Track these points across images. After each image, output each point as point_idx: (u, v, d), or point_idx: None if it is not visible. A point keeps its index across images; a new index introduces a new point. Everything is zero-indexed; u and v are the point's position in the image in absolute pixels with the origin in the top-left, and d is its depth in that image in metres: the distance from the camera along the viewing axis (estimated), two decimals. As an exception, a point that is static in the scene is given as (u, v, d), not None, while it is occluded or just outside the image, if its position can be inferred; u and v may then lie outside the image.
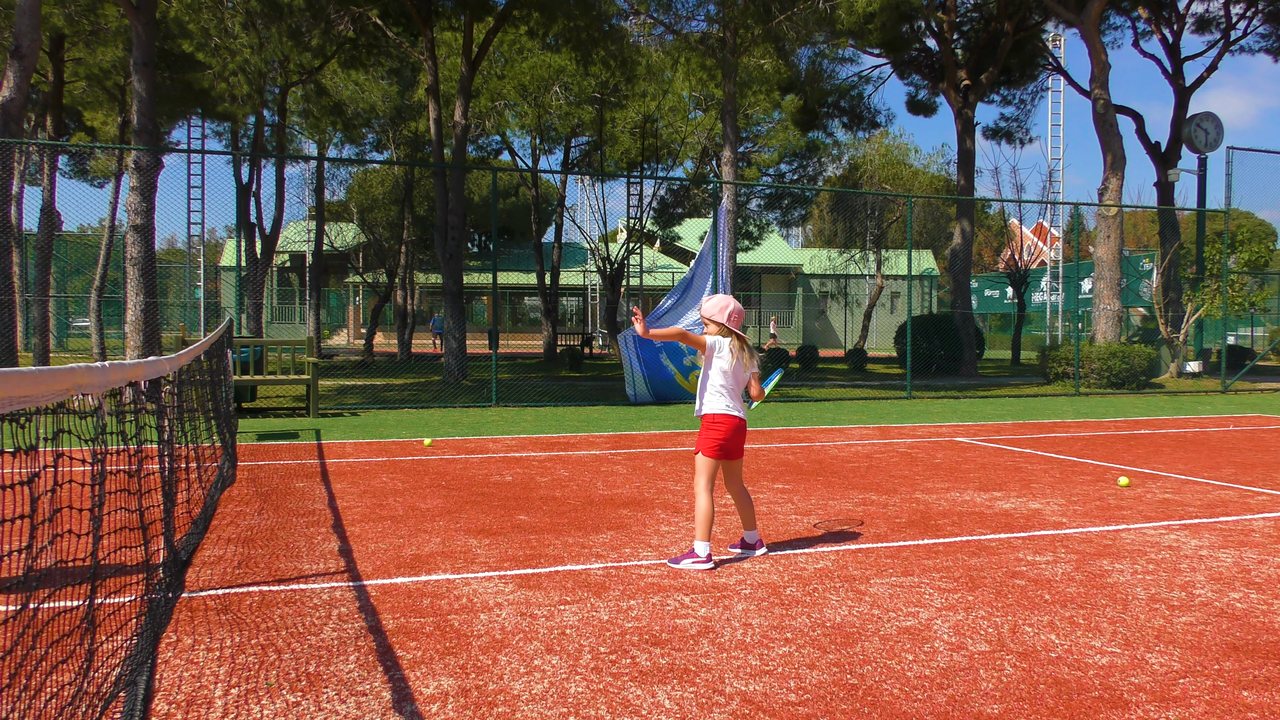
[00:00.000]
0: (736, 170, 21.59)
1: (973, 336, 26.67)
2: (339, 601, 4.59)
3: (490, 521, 6.47)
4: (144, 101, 14.39)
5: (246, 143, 29.29)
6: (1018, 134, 31.75)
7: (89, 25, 20.98)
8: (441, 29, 22.46)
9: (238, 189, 26.81)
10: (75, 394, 2.72)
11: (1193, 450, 10.59)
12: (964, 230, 26.44)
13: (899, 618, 4.40)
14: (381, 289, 34.49)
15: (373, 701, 3.38)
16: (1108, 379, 20.30)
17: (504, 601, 4.61)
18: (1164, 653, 3.93)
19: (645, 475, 8.52)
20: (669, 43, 22.24)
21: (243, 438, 10.91)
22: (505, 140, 32.86)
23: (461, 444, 10.77)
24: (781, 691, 3.51)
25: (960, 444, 11.09)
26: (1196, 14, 28.25)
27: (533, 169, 34.94)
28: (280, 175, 27.01)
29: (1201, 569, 5.31)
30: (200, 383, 7.65)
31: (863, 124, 32.24)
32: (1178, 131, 27.20)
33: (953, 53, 26.51)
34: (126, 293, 14.59)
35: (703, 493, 5.29)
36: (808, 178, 38.03)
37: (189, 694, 3.41)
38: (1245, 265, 22.48)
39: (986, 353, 38.14)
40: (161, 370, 4.56)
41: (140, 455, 4.02)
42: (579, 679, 3.63)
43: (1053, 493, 7.74)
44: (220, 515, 6.61)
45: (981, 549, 5.76)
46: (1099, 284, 21.80)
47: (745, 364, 5.41)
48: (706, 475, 5.31)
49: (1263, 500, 7.49)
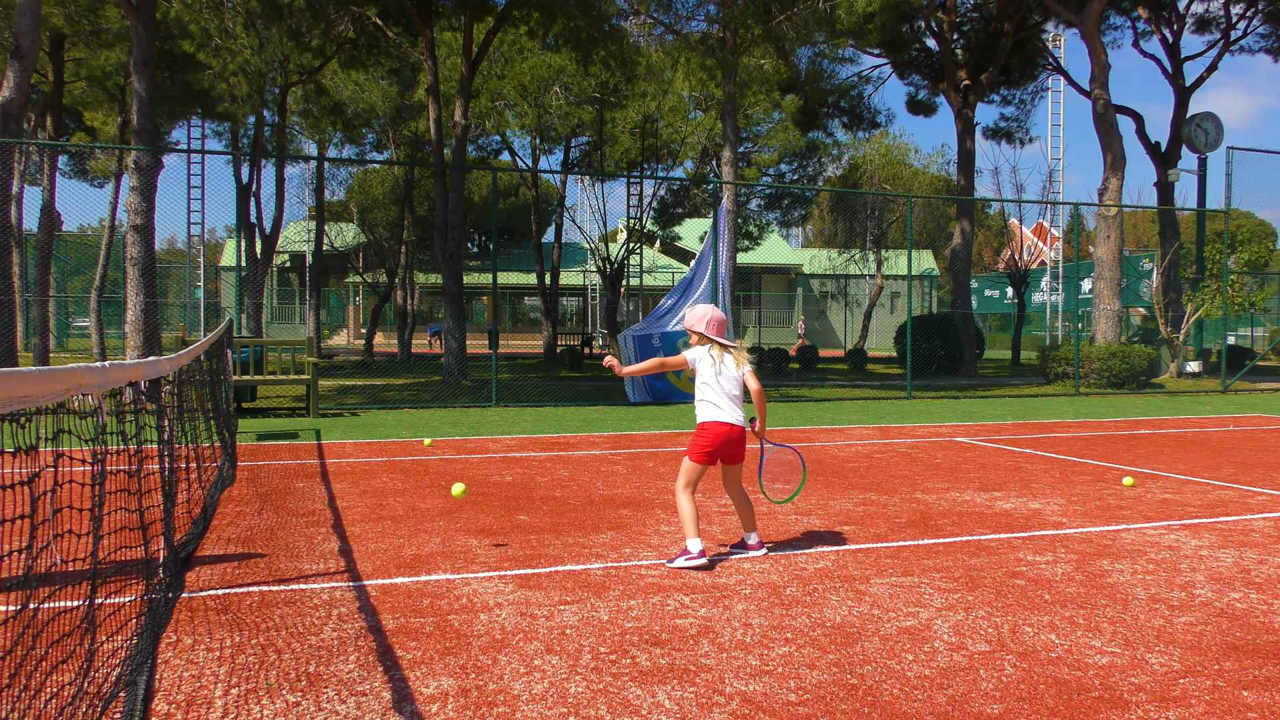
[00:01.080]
0: (736, 170, 21.59)
1: (973, 336, 26.68)
2: (339, 601, 4.59)
3: (490, 521, 6.47)
4: (144, 101, 14.40)
5: (246, 143, 29.30)
6: (1018, 134, 31.79)
7: (89, 25, 20.99)
8: (441, 29, 22.47)
9: (238, 189, 26.81)
10: (75, 394, 2.72)
11: (1193, 450, 10.59)
12: (964, 230, 26.45)
13: (899, 618, 4.40)
14: (381, 289, 34.50)
15: (373, 701, 3.38)
16: (1108, 379, 20.30)
17: (504, 601, 4.61)
18: (1164, 653, 3.93)
19: (645, 475, 8.52)
20: (669, 43, 22.25)
21: (243, 438, 10.91)
22: (505, 140, 32.89)
23: (462, 444, 10.77)
24: (781, 691, 3.51)
25: (960, 444, 11.09)
26: (1196, 14, 28.29)
27: (533, 169, 34.95)
28: (280, 175, 27.04)
29: (1201, 569, 5.31)
30: (200, 383, 7.65)
31: (863, 124, 32.28)
32: (1178, 131, 27.21)
33: (953, 53, 26.52)
34: (126, 293, 14.61)
35: (680, 493, 5.41)
36: (808, 178, 38.04)
37: (189, 694, 3.41)
38: (1245, 265, 22.49)
39: (986, 353, 38.17)
40: (161, 370, 4.56)
41: (140, 455, 4.02)
42: (579, 679, 3.63)
43: (1053, 493, 7.74)
44: (220, 515, 6.61)
45: (981, 549, 5.76)
46: (1099, 284, 21.81)
47: (724, 369, 5.46)
48: (686, 478, 5.42)
49: (1263, 500, 7.49)
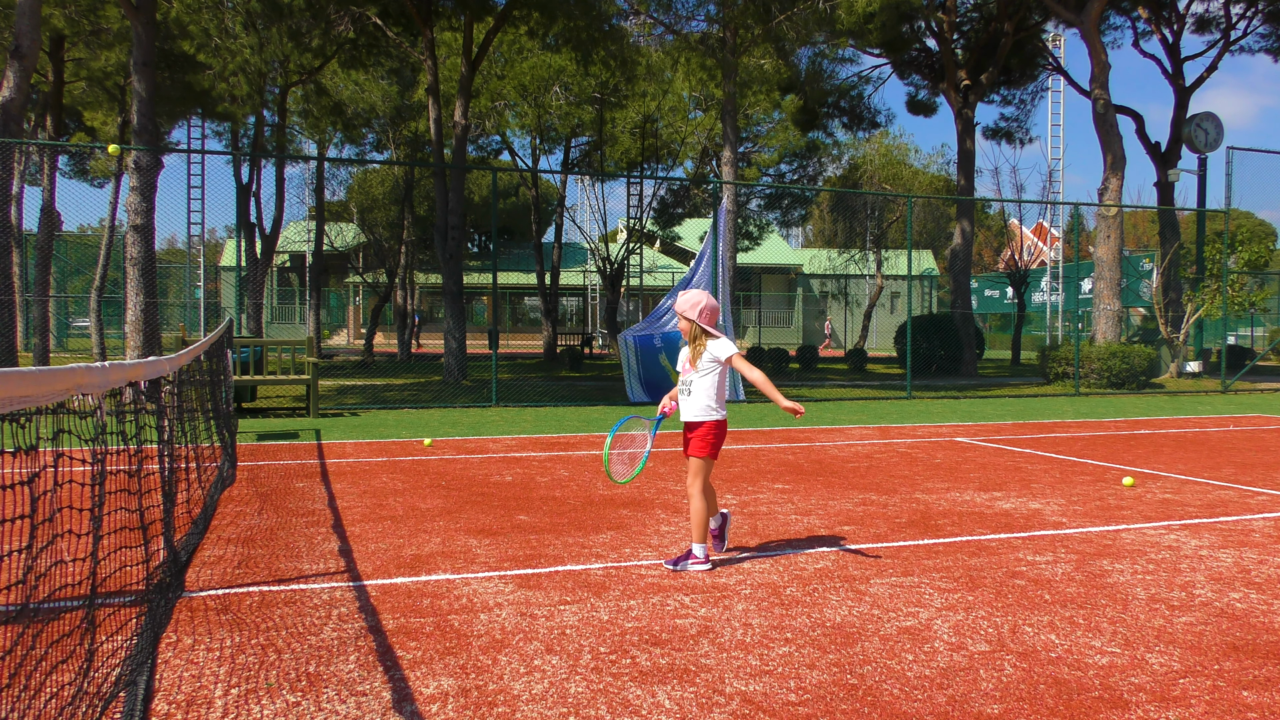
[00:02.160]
0: (736, 170, 21.59)
1: (973, 336, 26.68)
2: (339, 601, 4.59)
3: (490, 521, 6.47)
4: (144, 102, 14.40)
5: (246, 143, 29.28)
6: (1018, 134, 31.79)
7: (89, 26, 20.98)
8: (441, 29, 22.46)
9: (238, 189, 26.81)
10: (75, 394, 2.72)
11: (1193, 450, 10.59)
12: (964, 230, 26.45)
13: (899, 618, 4.40)
14: (381, 289, 34.50)
15: (373, 701, 3.38)
16: (1108, 379, 20.30)
17: (504, 601, 4.61)
18: (1164, 653, 3.93)
19: (645, 475, 8.52)
20: (669, 43, 22.25)
21: (243, 438, 10.91)
22: (505, 140, 32.89)
23: (462, 444, 10.77)
24: (781, 691, 3.52)
25: (960, 444, 11.09)
26: (1196, 14, 28.28)
27: (533, 169, 34.95)
28: (280, 175, 27.03)
29: (1201, 569, 5.31)
30: (200, 383, 7.65)
31: (863, 124, 32.28)
32: (1178, 131, 27.20)
33: (953, 53, 26.52)
34: (126, 293, 14.60)
35: (702, 494, 5.28)
36: (808, 178, 38.05)
37: (189, 694, 3.41)
38: (1245, 265, 22.49)
39: (986, 353, 38.15)
40: (161, 370, 4.56)
41: (140, 455, 4.02)
42: (579, 679, 3.63)
43: (1053, 493, 7.74)
44: (220, 515, 6.61)
45: (981, 549, 5.76)
46: (1099, 284, 21.81)
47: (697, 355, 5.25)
48: (707, 477, 5.29)
49: (1263, 500, 7.49)
